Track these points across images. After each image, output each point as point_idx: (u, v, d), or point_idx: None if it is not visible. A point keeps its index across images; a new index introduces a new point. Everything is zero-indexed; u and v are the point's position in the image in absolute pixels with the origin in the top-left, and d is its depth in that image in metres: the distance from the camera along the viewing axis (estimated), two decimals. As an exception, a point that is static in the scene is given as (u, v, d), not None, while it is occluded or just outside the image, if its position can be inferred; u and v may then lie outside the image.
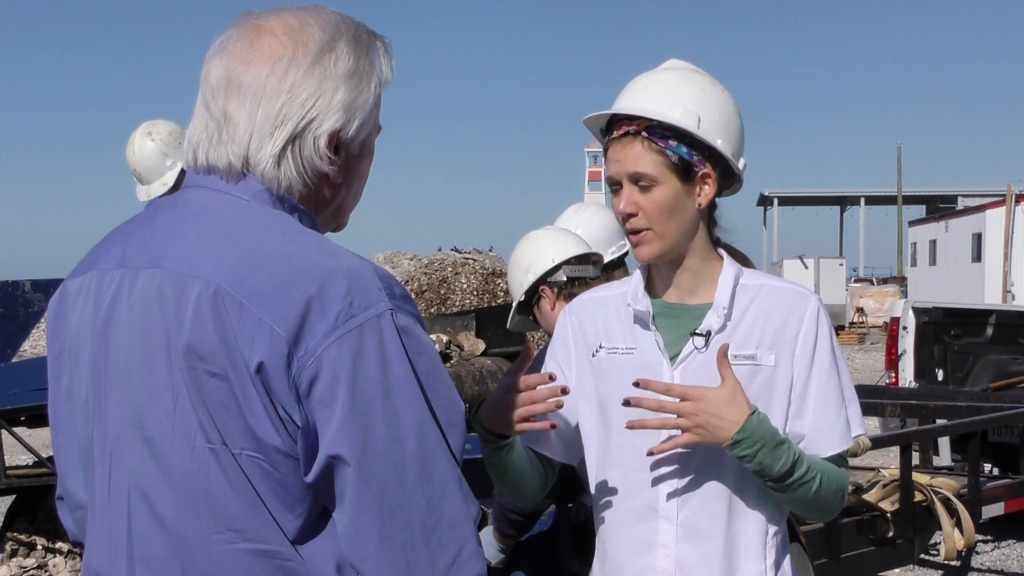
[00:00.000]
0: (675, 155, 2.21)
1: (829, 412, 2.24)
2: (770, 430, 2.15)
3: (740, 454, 2.13)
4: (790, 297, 2.27)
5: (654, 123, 2.22)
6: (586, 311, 2.40)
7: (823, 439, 2.24)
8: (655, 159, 2.21)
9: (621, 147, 2.25)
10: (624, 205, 2.23)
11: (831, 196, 64.57)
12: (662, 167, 2.21)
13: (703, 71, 2.36)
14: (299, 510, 1.53)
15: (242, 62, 1.62)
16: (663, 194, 2.22)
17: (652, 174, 2.21)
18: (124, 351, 1.59)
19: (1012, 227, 22.68)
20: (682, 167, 2.22)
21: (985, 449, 7.00)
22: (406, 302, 1.56)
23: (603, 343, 2.33)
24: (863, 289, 37.92)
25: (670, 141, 2.21)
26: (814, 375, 2.24)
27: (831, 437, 2.24)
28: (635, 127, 2.23)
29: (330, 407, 1.47)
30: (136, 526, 1.57)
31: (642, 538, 2.26)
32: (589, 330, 2.36)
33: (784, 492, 2.19)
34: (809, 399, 2.24)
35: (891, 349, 9.22)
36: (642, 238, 2.24)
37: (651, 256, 2.26)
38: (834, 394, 2.25)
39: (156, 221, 1.66)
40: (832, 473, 2.24)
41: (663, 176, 2.21)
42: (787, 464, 2.15)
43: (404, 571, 1.50)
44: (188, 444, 1.52)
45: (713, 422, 2.12)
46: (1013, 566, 7.73)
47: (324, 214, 1.71)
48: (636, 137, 2.23)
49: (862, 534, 5.27)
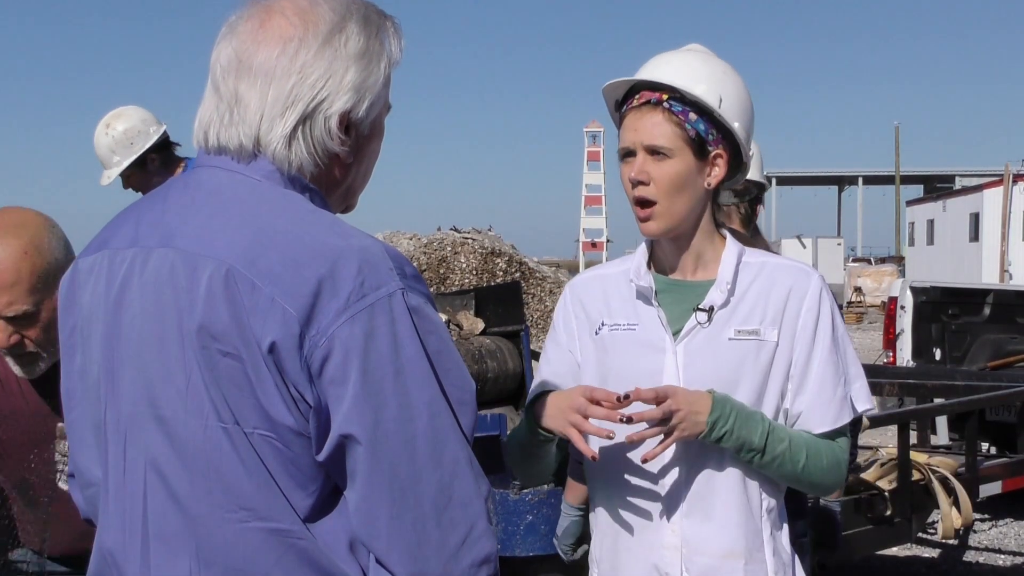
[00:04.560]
0: (693, 130, 2.23)
1: (825, 390, 2.26)
2: (736, 402, 2.19)
3: (720, 433, 2.15)
4: (793, 274, 2.30)
5: (677, 95, 2.23)
6: (587, 289, 2.41)
7: (815, 416, 2.26)
8: (673, 131, 2.22)
9: (640, 116, 2.25)
10: (636, 172, 2.23)
11: (829, 176, 64.59)
12: (679, 139, 2.22)
13: (721, 58, 2.39)
14: (311, 489, 1.54)
15: (252, 43, 1.62)
16: (676, 167, 2.23)
17: (669, 145, 2.22)
18: (136, 330, 1.60)
19: (1009, 207, 22.67)
20: (698, 143, 2.23)
21: (982, 428, 7.02)
22: (417, 281, 1.57)
23: (605, 320, 2.34)
24: (861, 269, 37.89)
25: (690, 115, 2.23)
26: (815, 352, 2.26)
27: (824, 414, 2.26)
28: (657, 96, 2.24)
29: (342, 386, 1.48)
30: (152, 504, 1.58)
31: (648, 515, 2.28)
32: (591, 308, 2.38)
33: (769, 468, 2.21)
34: (810, 377, 2.26)
35: (889, 328, 9.22)
36: (650, 213, 2.25)
37: (657, 232, 2.27)
38: (833, 372, 2.27)
39: (168, 200, 1.66)
40: (822, 449, 2.26)
41: (679, 149, 2.22)
42: (764, 432, 2.18)
43: (415, 549, 1.50)
44: (201, 423, 1.53)
45: (691, 416, 2.14)
46: (1010, 545, 7.76)
47: (335, 194, 1.71)
48: (657, 107, 2.24)
49: (860, 513, 5.28)
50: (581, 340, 2.38)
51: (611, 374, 2.30)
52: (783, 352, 2.25)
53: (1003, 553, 7.59)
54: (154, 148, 5.26)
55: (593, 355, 2.35)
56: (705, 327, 2.25)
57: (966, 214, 27.77)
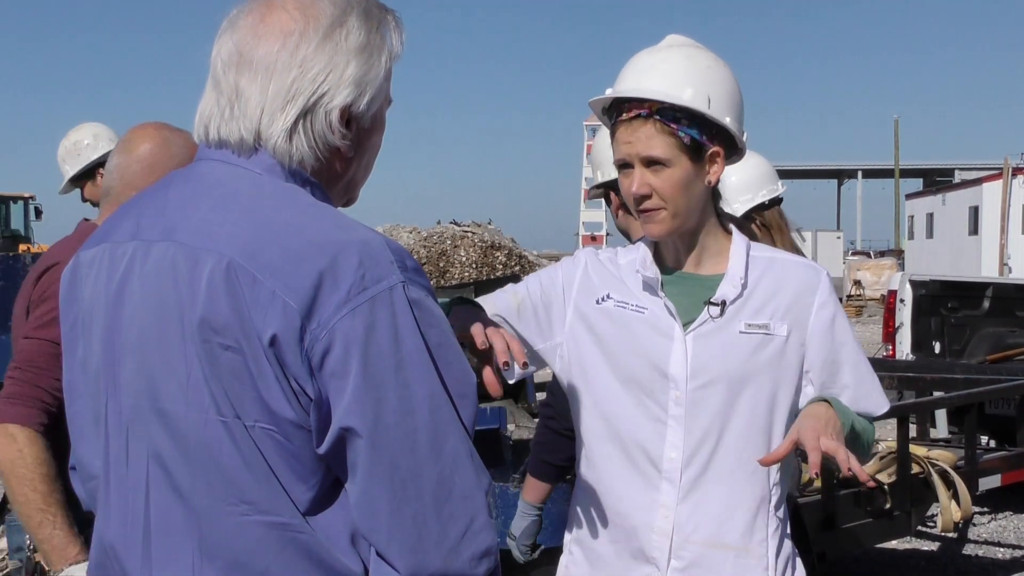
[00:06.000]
0: (687, 136, 2.22)
1: (865, 379, 2.34)
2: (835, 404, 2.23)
3: (847, 420, 2.21)
4: (801, 270, 2.31)
5: (665, 105, 2.21)
6: (596, 265, 2.40)
7: (870, 399, 2.34)
8: (667, 141, 2.21)
9: (632, 129, 2.24)
10: (637, 187, 2.23)
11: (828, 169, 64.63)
12: (674, 149, 2.21)
13: (703, 47, 2.35)
14: (312, 482, 1.54)
15: (253, 37, 1.62)
16: (676, 175, 2.22)
17: (665, 157, 2.21)
18: (137, 324, 1.60)
19: (1009, 200, 22.67)
20: (693, 147, 2.23)
21: (982, 421, 7.03)
22: (418, 275, 1.57)
23: (611, 294, 2.33)
24: (860, 262, 37.91)
25: (682, 122, 2.21)
26: (842, 348, 2.30)
27: (874, 397, 2.35)
28: (646, 109, 2.22)
29: (342, 379, 1.48)
30: (155, 497, 1.58)
31: (642, 497, 2.27)
32: (595, 280, 2.37)
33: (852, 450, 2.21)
34: (844, 368, 2.31)
35: (888, 322, 9.23)
36: (655, 216, 2.25)
37: (663, 233, 2.27)
38: (865, 362, 2.35)
39: (169, 194, 1.66)
40: (869, 428, 2.34)
41: (676, 158, 2.22)
42: (851, 415, 2.25)
43: (415, 542, 1.50)
44: (202, 417, 1.53)
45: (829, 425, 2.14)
46: (1010, 538, 7.77)
47: (336, 188, 1.71)
48: (647, 120, 2.22)
49: (859, 506, 5.29)
50: (576, 303, 2.36)
51: (612, 347, 2.29)
52: (793, 347, 2.26)
53: (1002, 546, 7.60)
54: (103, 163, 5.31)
55: (592, 321, 2.33)
56: (717, 320, 2.26)
57: (965, 207, 27.72)
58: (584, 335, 2.32)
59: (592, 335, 2.32)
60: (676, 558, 2.25)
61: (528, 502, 3.64)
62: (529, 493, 3.65)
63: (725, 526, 2.25)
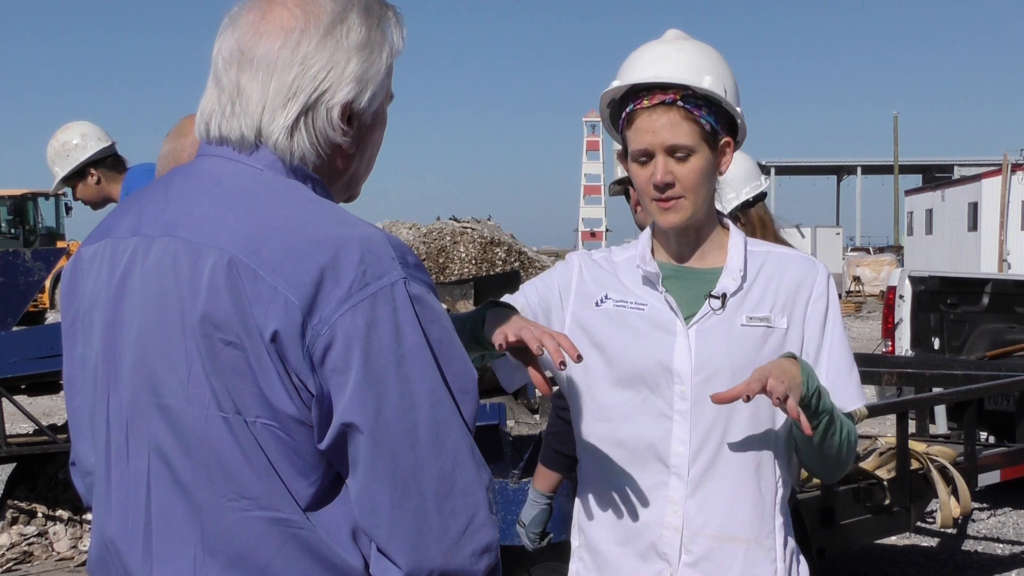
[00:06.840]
0: (708, 123, 2.23)
1: (842, 372, 2.29)
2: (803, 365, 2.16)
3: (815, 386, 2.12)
4: (799, 263, 2.32)
5: (688, 92, 2.22)
6: (590, 267, 2.39)
7: (843, 393, 2.28)
8: (691, 128, 2.22)
9: (655, 116, 2.23)
10: (661, 176, 2.22)
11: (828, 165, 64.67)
12: (697, 136, 2.22)
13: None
14: (313, 477, 1.55)
15: (254, 34, 1.62)
16: (699, 163, 2.23)
17: (690, 144, 2.21)
18: (138, 319, 1.60)
19: (1008, 196, 22.71)
20: (712, 136, 2.24)
21: (981, 417, 7.05)
22: (419, 271, 1.57)
23: (609, 295, 2.33)
24: (860, 258, 37.93)
25: (703, 110, 2.22)
26: (827, 338, 2.29)
27: (850, 392, 2.29)
28: (671, 96, 2.22)
29: (344, 375, 1.48)
30: (156, 492, 1.58)
31: (650, 494, 2.27)
32: (590, 283, 2.36)
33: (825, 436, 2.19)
34: (823, 360, 2.28)
35: (887, 318, 9.24)
36: (675, 205, 2.24)
37: (680, 223, 2.27)
38: (847, 356, 2.31)
39: (170, 189, 1.66)
40: (848, 424, 2.28)
41: (699, 146, 2.22)
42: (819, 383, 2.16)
43: (416, 538, 1.51)
44: (203, 412, 1.54)
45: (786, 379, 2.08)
46: (1009, 534, 7.78)
47: (337, 184, 1.71)
48: (671, 107, 2.22)
49: (859, 502, 5.30)
50: (574, 308, 2.36)
51: (614, 348, 2.29)
52: (792, 340, 2.27)
53: (1001, 542, 7.60)
54: (94, 162, 5.31)
55: (591, 326, 2.33)
56: (718, 313, 2.26)
57: (964, 204, 27.73)
58: (584, 340, 2.32)
59: (592, 339, 2.32)
60: (687, 552, 2.25)
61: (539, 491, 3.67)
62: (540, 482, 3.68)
63: (734, 519, 2.25)
